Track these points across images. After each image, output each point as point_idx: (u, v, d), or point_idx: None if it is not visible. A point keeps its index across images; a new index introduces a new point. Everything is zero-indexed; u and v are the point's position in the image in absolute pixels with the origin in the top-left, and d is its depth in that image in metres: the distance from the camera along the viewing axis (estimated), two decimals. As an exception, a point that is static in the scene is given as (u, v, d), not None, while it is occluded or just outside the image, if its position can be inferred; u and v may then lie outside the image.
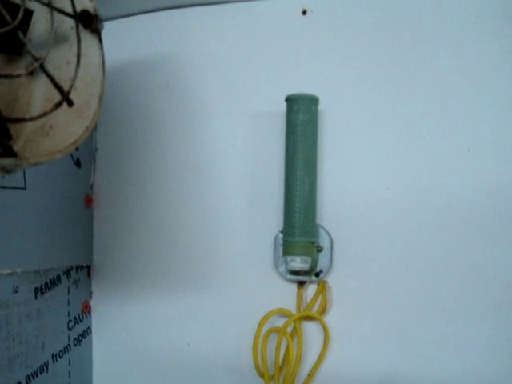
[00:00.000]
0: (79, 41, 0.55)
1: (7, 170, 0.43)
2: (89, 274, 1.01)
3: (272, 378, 0.86)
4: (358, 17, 0.87)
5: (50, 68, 0.54)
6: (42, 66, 0.50)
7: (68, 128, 0.53)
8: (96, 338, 1.02)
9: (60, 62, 0.58)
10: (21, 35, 0.49)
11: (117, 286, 1.01)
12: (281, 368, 0.87)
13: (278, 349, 0.86)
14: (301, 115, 0.82)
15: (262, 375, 0.86)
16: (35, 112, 0.57)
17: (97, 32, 0.58)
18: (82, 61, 0.55)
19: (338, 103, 0.86)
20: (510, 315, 0.77)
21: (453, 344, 0.80)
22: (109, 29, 1.00)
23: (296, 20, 0.90)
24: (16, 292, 0.84)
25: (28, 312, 0.86)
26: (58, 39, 0.58)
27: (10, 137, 0.52)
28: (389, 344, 0.83)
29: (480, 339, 0.79)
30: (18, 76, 0.47)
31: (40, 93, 0.59)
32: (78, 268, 0.98)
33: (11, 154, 0.42)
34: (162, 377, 0.97)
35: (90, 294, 1.02)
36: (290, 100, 0.84)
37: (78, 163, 0.97)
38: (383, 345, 0.83)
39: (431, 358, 0.81)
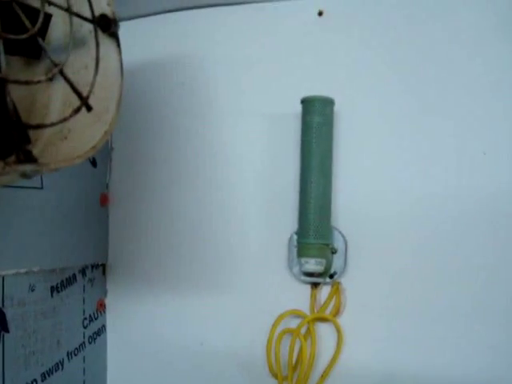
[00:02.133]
0: (97, 45, 0.55)
1: (27, 176, 0.43)
2: (104, 272, 1.02)
3: (285, 378, 0.87)
4: (374, 18, 0.86)
5: (68, 72, 0.54)
6: (61, 72, 0.50)
7: (86, 132, 0.54)
8: (110, 335, 1.03)
9: (78, 66, 0.58)
10: (40, 41, 0.50)
11: (132, 285, 1.01)
12: (294, 368, 0.87)
13: (291, 350, 0.86)
14: (316, 117, 0.82)
15: (275, 376, 0.87)
16: (53, 115, 0.58)
17: (115, 36, 0.58)
18: (100, 65, 0.55)
19: (353, 105, 0.86)
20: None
21: (469, 345, 0.79)
22: (124, 29, 1.00)
23: (312, 21, 0.90)
24: (32, 290, 0.84)
25: (44, 310, 0.87)
26: (77, 43, 0.58)
27: (28, 141, 0.53)
28: (402, 346, 0.83)
29: (496, 340, 0.78)
30: (39, 82, 0.47)
31: (58, 96, 0.59)
32: (94, 266, 0.99)
33: (32, 159, 0.43)
34: (175, 375, 0.98)
35: (105, 293, 1.03)
36: (305, 102, 0.83)
37: (93, 163, 0.97)
38: (396, 346, 0.83)
39: (446, 359, 0.80)
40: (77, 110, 0.50)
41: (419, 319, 0.82)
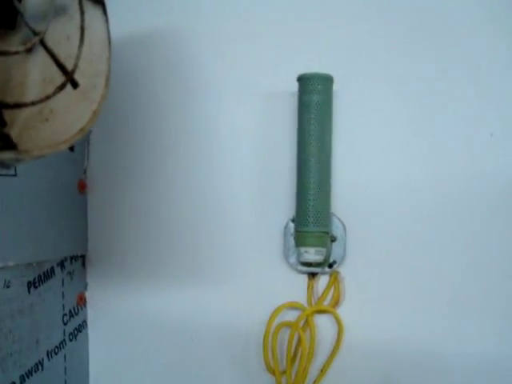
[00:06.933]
0: (82, 12, 0.48)
1: (6, 166, 0.37)
2: (84, 264, 0.96)
3: (283, 373, 0.82)
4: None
5: (49, 44, 0.47)
6: (42, 42, 0.43)
7: (70, 112, 0.47)
8: (92, 331, 0.98)
9: (59, 36, 0.51)
10: (16, 4, 0.43)
11: (113, 277, 0.96)
12: (292, 363, 0.82)
13: (290, 344, 0.81)
14: (314, 96, 0.76)
15: (272, 371, 0.82)
16: (31, 94, 0.51)
17: (101, 3, 0.51)
18: (85, 35, 0.48)
19: (353, 83, 0.81)
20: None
21: (473, 331, 0.76)
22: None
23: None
24: (8, 287, 0.78)
25: (21, 307, 0.81)
26: (57, 11, 0.51)
27: (3, 123, 0.46)
28: (405, 335, 0.79)
29: (490, 320, 0.76)
30: (16, 53, 0.40)
31: (36, 72, 0.52)
32: (73, 258, 0.93)
33: (10, 146, 0.36)
34: (162, 373, 0.93)
35: (86, 286, 0.97)
36: (302, 79, 0.78)
37: (70, 147, 0.90)
38: (399, 336, 0.79)
39: (450, 347, 0.77)
40: (61, 87, 0.43)
41: (422, 308, 0.78)
